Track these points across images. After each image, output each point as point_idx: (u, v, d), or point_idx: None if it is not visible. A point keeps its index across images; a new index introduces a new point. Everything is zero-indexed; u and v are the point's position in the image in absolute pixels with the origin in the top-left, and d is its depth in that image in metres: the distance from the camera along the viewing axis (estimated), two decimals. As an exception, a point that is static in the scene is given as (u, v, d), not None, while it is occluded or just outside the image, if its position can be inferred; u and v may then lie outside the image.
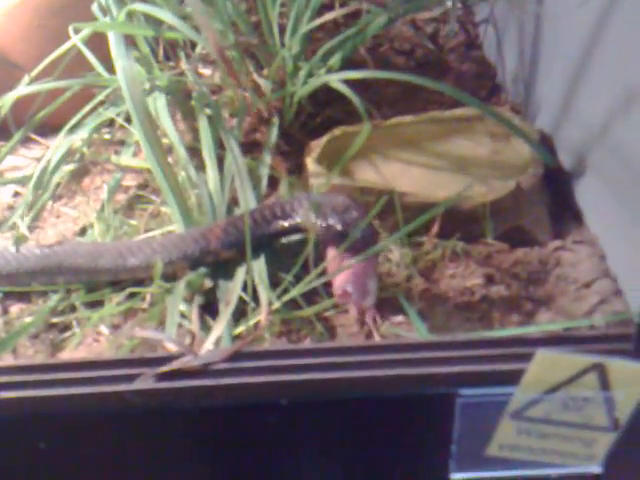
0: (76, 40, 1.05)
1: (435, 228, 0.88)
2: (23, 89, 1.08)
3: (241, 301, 0.83)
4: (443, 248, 0.89)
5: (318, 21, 1.02)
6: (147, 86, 1.05)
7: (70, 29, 1.06)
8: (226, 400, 0.61)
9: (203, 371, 0.61)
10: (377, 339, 0.79)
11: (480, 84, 1.22)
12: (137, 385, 0.61)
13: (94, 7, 1.05)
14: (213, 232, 0.86)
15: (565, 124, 1.01)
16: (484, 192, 0.92)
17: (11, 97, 1.07)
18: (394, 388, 0.61)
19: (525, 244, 0.92)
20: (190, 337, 0.80)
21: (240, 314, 0.83)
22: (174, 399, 0.62)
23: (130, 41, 1.05)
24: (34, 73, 1.07)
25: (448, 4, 1.32)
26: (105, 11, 1.04)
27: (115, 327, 0.87)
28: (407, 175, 0.99)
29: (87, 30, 1.04)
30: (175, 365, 0.60)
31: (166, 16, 1.02)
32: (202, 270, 0.87)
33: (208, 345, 0.75)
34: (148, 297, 0.87)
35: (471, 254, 0.90)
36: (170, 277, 0.87)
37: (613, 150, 0.89)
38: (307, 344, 0.80)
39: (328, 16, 1.02)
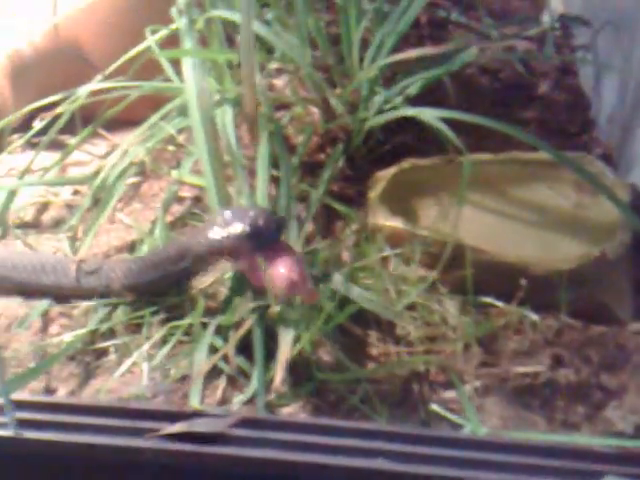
0: (151, 42, 1.01)
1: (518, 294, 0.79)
2: (95, 85, 1.05)
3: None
4: (508, 316, 0.81)
5: (401, 56, 0.94)
6: (216, 98, 1.00)
7: (147, 30, 1.02)
8: (235, 469, 0.57)
9: (210, 437, 0.56)
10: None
11: (571, 117, 1.13)
12: (142, 442, 0.57)
13: (173, 10, 1.01)
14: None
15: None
16: (562, 258, 0.83)
17: (84, 92, 1.04)
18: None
19: (602, 322, 0.83)
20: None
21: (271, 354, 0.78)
22: (181, 460, 0.58)
23: (203, 42, 1.01)
24: (108, 71, 1.04)
25: (545, 22, 1.21)
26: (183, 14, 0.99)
27: (150, 356, 0.83)
28: (478, 222, 0.91)
29: (163, 32, 0.99)
30: (179, 428, 0.56)
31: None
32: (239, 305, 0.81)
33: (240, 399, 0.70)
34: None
35: (539, 328, 0.81)
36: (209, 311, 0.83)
37: None
38: (332, 420, 0.71)
39: (411, 53, 0.94)
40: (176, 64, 1.03)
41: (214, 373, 0.78)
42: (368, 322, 0.82)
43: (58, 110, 1.05)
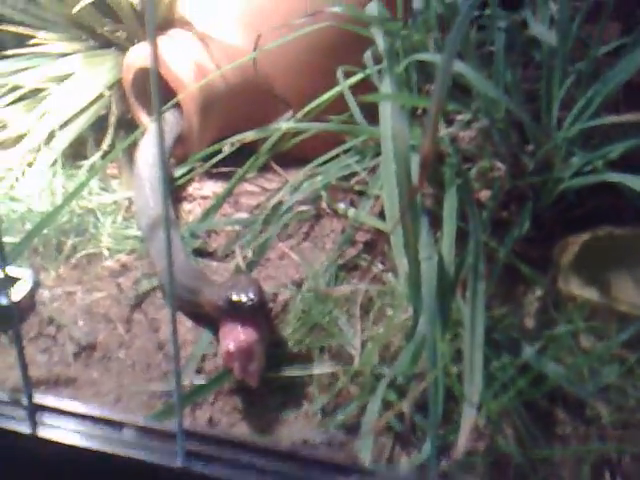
0: (343, 85, 1.01)
1: None
2: (287, 124, 1.06)
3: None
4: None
5: (607, 120, 0.89)
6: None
7: (339, 72, 1.02)
8: None
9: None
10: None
11: None
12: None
13: (367, 55, 1.00)
14: None
15: None
16: None
17: (277, 131, 1.05)
18: None
19: None
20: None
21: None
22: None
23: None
24: (300, 114, 1.05)
25: None
26: (378, 59, 0.98)
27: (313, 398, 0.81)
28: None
29: (357, 76, 0.99)
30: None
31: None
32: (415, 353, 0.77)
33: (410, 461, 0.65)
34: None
35: None
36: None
37: None
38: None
39: (616, 118, 0.88)
40: (362, 104, 1.03)
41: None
42: (554, 397, 0.76)
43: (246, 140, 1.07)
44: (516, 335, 0.79)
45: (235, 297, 0.82)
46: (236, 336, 0.81)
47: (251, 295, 0.82)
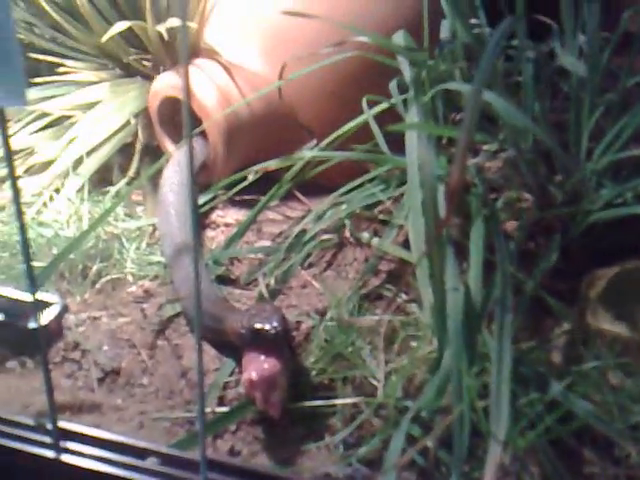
0: (368, 114, 1.01)
1: None
2: (310, 152, 1.06)
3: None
4: None
5: (638, 152, 0.88)
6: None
7: (363, 101, 1.02)
8: None
9: None
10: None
11: None
12: None
13: (392, 85, 1.00)
14: None
15: None
16: None
17: (300, 159, 1.05)
18: None
19: None
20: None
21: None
22: None
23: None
24: (324, 143, 1.04)
25: None
26: (403, 89, 0.98)
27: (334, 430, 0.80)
28: None
29: (382, 106, 0.99)
30: None
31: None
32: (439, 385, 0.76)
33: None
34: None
35: None
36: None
37: None
38: None
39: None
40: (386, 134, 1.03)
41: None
42: (582, 435, 0.75)
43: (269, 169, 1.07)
44: (543, 370, 0.78)
45: (259, 325, 0.82)
46: (259, 365, 0.80)
47: (275, 324, 0.81)
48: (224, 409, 0.84)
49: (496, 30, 0.77)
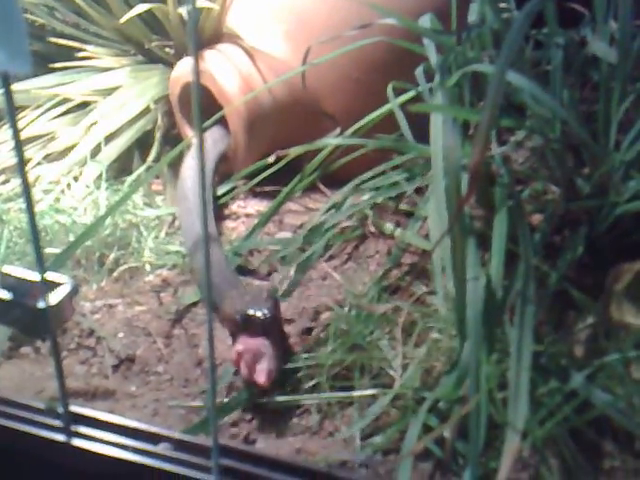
0: (394, 102, 0.99)
1: None
2: (334, 140, 1.04)
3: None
4: None
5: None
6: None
7: (389, 88, 1.00)
8: None
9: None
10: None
11: None
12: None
13: (418, 71, 0.98)
14: None
15: None
16: None
17: (324, 146, 1.03)
18: None
19: None
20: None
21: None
22: None
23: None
24: (348, 132, 1.02)
25: None
26: (429, 76, 0.96)
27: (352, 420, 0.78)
28: None
29: (409, 94, 0.97)
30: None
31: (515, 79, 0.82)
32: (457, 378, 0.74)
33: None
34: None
35: None
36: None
37: None
38: None
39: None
40: (414, 123, 1.00)
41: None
42: (603, 428, 0.72)
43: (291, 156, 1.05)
44: (564, 362, 0.76)
45: (250, 312, 0.83)
46: (246, 340, 0.82)
47: (265, 311, 0.83)
48: (234, 395, 0.83)
49: (524, 8, 0.74)
